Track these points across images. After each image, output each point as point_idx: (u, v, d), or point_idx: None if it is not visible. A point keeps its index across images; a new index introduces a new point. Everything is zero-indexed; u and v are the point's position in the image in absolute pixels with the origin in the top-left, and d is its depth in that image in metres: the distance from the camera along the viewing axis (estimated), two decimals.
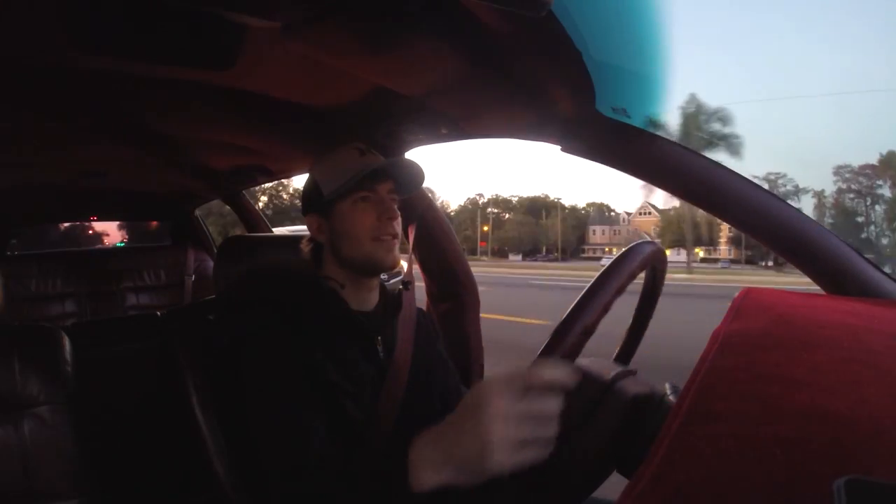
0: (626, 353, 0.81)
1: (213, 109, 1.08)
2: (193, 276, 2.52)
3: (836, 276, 0.69)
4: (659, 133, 0.77)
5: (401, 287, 0.89)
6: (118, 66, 0.83)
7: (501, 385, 0.48)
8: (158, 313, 1.39)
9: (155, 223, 3.20)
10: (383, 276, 0.87)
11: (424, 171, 0.84)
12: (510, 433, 0.46)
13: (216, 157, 1.57)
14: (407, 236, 1.20)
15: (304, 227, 0.86)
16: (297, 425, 0.67)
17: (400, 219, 0.82)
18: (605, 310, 0.53)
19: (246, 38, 0.73)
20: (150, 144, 1.38)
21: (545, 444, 0.48)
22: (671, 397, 0.61)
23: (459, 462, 0.49)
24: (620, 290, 0.55)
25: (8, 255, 2.29)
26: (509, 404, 0.47)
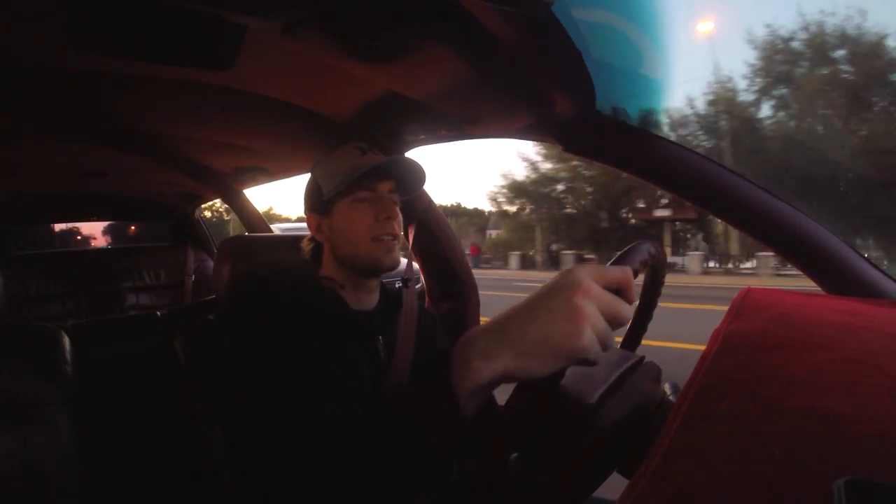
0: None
1: (213, 109, 1.08)
2: (193, 276, 2.53)
3: (836, 276, 0.69)
4: (659, 133, 0.77)
5: (400, 285, 0.89)
6: (118, 67, 0.83)
7: (592, 272, 0.44)
8: (158, 313, 1.39)
9: (133, 228, 3.20)
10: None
11: (425, 170, 0.83)
12: (598, 317, 0.42)
13: (216, 157, 1.57)
14: (407, 236, 1.20)
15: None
16: (309, 402, 0.66)
17: (401, 219, 0.81)
18: None
19: (246, 38, 0.73)
20: (150, 144, 1.38)
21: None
22: (671, 397, 0.61)
23: (535, 345, 0.42)
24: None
25: (8, 256, 2.28)
26: (601, 290, 0.43)
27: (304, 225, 0.87)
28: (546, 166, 17.63)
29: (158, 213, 2.59)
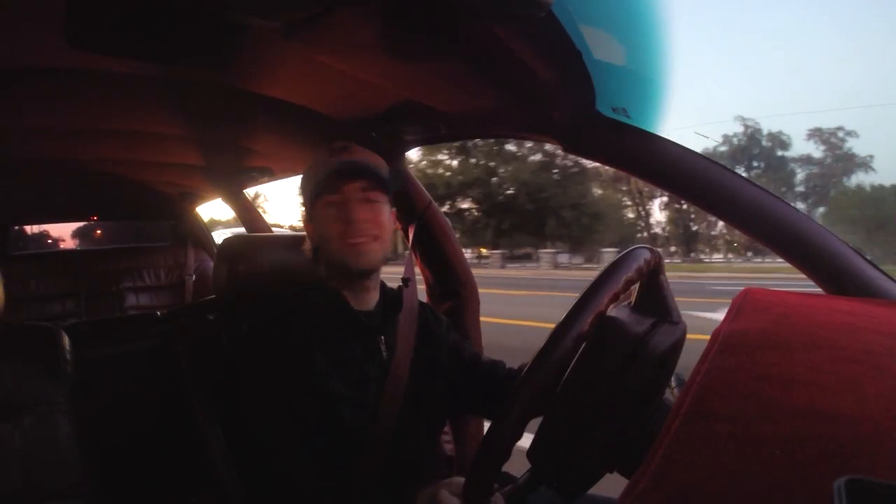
0: None
1: (214, 109, 1.08)
2: (194, 276, 2.52)
3: (836, 276, 0.69)
4: (659, 133, 0.77)
5: (400, 285, 0.89)
6: (118, 66, 0.83)
7: None
8: (158, 313, 1.39)
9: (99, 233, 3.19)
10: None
11: (383, 161, 0.82)
12: None
13: (216, 157, 1.57)
14: (407, 235, 1.20)
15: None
16: (289, 436, 0.68)
17: (382, 218, 0.79)
18: (601, 316, 0.52)
19: (246, 38, 0.73)
20: (150, 144, 1.38)
21: None
22: (675, 390, 0.61)
23: None
24: (616, 297, 0.53)
25: (8, 256, 2.28)
26: None
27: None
28: None
29: (159, 212, 2.59)
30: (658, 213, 27.60)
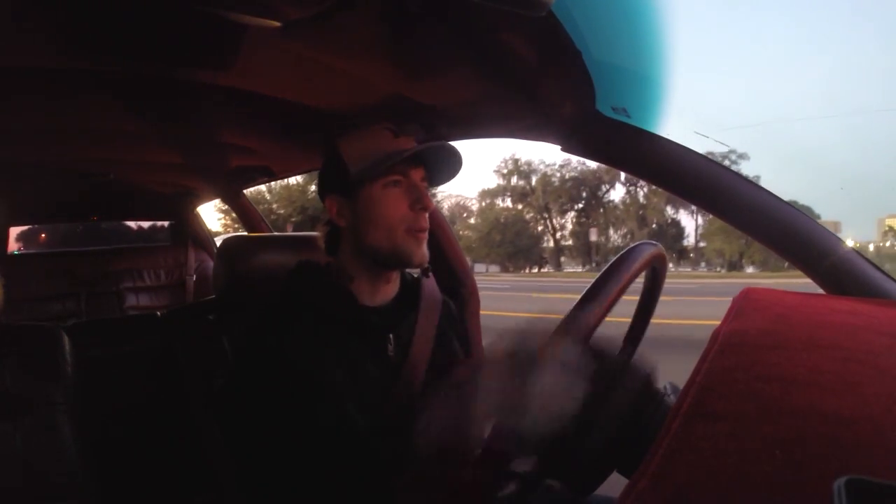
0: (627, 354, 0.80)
1: (214, 109, 1.08)
2: (194, 276, 2.52)
3: (836, 276, 0.69)
4: (659, 133, 0.77)
5: (419, 275, 0.84)
6: (118, 67, 0.83)
7: (501, 364, 0.47)
8: (158, 313, 1.39)
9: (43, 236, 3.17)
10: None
11: (462, 160, 0.77)
12: (509, 406, 0.46)
13: (216, 157, 1.57)
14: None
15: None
16: (284, 434, 0.66)
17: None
18: (604, 315, 0.52)
19: (246, 38, 0.72)
20: (150, 144, 1.38)
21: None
22: (671, 398, 0.61)
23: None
24: (620, 293, 0.53)
25: (8, 256, 2.28)
26: (506, 386, 0.46)
27: None
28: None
29: (158, 212, 2.59)
30: (570, 226, 29.66)
